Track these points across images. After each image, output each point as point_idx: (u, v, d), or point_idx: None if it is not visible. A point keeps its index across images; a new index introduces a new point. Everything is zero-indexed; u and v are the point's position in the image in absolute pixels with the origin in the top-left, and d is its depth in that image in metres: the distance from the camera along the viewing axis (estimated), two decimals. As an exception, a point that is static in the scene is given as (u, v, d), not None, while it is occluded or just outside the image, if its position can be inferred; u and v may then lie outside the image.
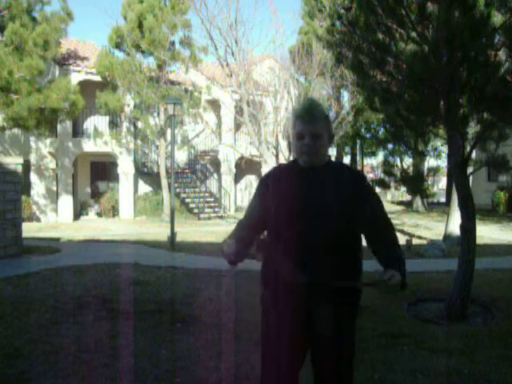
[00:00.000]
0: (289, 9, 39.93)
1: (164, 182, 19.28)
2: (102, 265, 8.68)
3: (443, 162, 27.61)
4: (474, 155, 6.20)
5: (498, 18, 4.96)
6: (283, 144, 17.28)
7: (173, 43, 19.20)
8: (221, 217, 20.67)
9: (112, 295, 6.40)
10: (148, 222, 18.88)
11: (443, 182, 36.63)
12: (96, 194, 21.23)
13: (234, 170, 22.72)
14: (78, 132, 20.05)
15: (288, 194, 2.30)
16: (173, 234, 11.93)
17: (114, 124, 20.60)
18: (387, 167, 7.17)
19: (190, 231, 15.37)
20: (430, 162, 31.27)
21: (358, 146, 30.62)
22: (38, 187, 19.42)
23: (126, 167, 20.35)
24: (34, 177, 19.30)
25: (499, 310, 5.72)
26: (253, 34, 71.56)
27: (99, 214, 20.62)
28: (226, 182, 22.72)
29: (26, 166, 17.09)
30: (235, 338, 4.59)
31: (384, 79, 5.69)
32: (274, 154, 15.95)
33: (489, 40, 5.00)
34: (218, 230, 14.91)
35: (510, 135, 5.80)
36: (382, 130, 21.56)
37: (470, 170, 6.18)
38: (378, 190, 23.30)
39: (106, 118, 20.34)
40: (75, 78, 18.58)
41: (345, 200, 2.24)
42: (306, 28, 20.87)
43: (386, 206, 2.51)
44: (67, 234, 14.25)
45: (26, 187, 18.33)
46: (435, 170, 11.57)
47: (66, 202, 19.29)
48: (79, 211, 20.51)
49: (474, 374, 3.82)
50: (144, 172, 21.75)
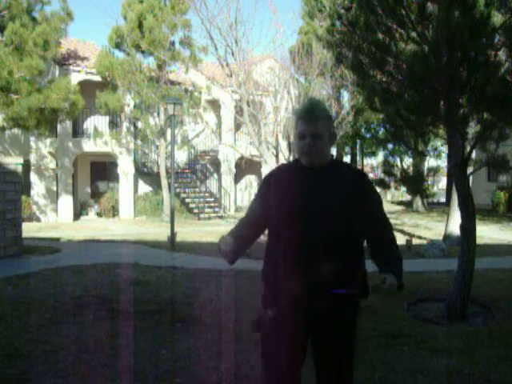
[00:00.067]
0: (289, 9, 39.96)
1: (164, 182, 19.29)
2: (101, 265, 8.68)
3: (443, 162, 27.60)
4: (474, 155, 6.20)
5: (498, 18, 4.97)
6: (283, 144, 17.26)
7: (173, 43, 19.21)
8: (221, 217, 20.67)
9: (112, 295, 6.40)
10: (148, 222, 18.88)
11: (443, 182, 36.61)
12: (96, 194, 21.23)
13: (234, 170, 22.72)
14: (77, 132, 20.05)
15: (288, 193, 2.30)
16: (173, 234, 11.93)
17: (113, 124, 20.60)
18: (387, 167, 7.16)
19: (190, 231, 15.38)
20: (430, 162, 31.27)
21: (358, 146, 30.63)
22: (38, 187, 19.43)
23: (126, 167, 20.35)
24: (34, 177, 19.30)
25: (499, 310, 5.72)
26: (253, 34, 71.68)
27: (99, 214, 20.62)
28: (226, 182, 22.72)
29: (26, 166, 17.10)
30: (235, 337, 4.59)
31: (384, 79, 5.69)
32: (274, 153, 15.92)
33: (489, 40, 5.00)
34: (217, 230, 14.89)
35: (510, 135, 5.79)
36: (382, 129, 21.53)
37: (470, 170, 6.17)
38: (378, 189, 23.20)
39: (106, 118, 20.35)
40: (75, 78, 18.58)
41: (345, 200, 2.24)
42: (306, 28, 20.86)
43: (386, 206, 2.52)
44: (67, 234, 14.25)
45: (26, 187, 18.33)
46: (435, 170, 11.57)
47: (66, 202, 19.29)
48: (79, 211, 20.51)
49: (474, 374, 3.82)
50: (144, 172, 21.76)
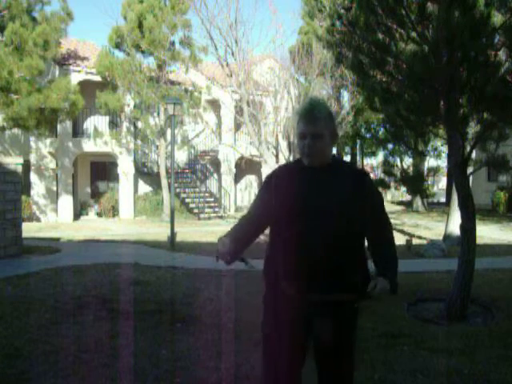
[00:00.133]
0: (289, 9, 39.90)
1: (164, 181, 19.29)
2: (101, 265, 8.68)
3: (443, 162, 27.54)
4: (474, 155, 6.20)
5: (498, 18, 4.96)
6: (283, 144, 17.27)
7: (173, 43, 19.21)
8: (221, 217, 20.67)
9: (112, 295, 6.40)
10: (148, 222, 18.88)
11: (443, 182, 36.57)
12: (96, 194, 21.23)
13: (234, 170, 22.72)
14: (77, 132, 20.05)
15: (289, 193, 2.30)
16: (173, 234, 11.93)
17: (114, 124, 20.60)
18: (387, 167, 7.17)
19: (190, 231, 15.38)
20: (430, 162, 31.20)
21: (358, 146, 30.59)
22: (38, 187, 19.42)
23: (126, 167, 20.35)
24: (34, 177, 19.30)
25: (499, 310, 5.72)
26: (253, 34, 71.61)
27: (99, 214, 20.62)
28: (226, 182, 22.72)
29: (26, 165, 17.09)
30: (235, 337, 4.59)
31: (384, 79, 5.69)
32: (274, 153, 15.93)
33: (489, 40, 5.00)
34: (217, 230, 14.89)
35: (510, 135, 5.79)
36: (382, 129, 21.51)
37: (470, 170, 6.17)
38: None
39: (106, 118, 20.34)
40: (75, 78, 18.58)
41: (345, 200, 2.24)
42: (306, 28, 20.86)
43: (386, 206, 2.52)
44: (67, 234, 14.25)
45: (26, 187, 18.33)
46: (435, 170, 11.56)
47: (66, 202, 19.29)
48: (79, 211, 20.50)
49: (474, 374, 3.82)
50: (144, 172, 21.76)
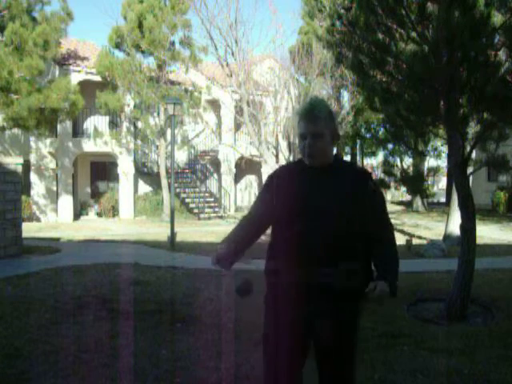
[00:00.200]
0: (289, 9, 39.90)
1: (164, 182, 19.28)
2: (101, 265, 8.68)
3: (443, 162, 27.60)
4: (474, 155, 6.20)
5: (498, 18, 4.96)
6: (283, 144, 17.28)
7: (173, 43, 19.20)
8: (221, 217, 20.67)
9: (112, 295, 6.40)
10: (148, 222, 18.88)
11: (443, 182, 36.56)
12: (96, 194, 21.22)
13: (234, 170, 22.71)
14: (78, 132, 20.05)
15: (289, 193, 2.30)
16: (173, 234, 11.93)
17: (114, 124, 20.59)
18: (387, 167, 7.16)
19: (190, 231, 15.37)
20: (430, 162, 31.22)
21: (358, 146, 30.56)
22: (38, 187, 19.42)
23: (126, 167, 20.34)
24: (34, 177, 19.29)
25: (499, 310, 5.72)
26: (253, 34, 71.44)
27: (99, 214, 20.62)
28: (226, 182, 22.71)
29: (26, 165, 17.09)
30: (235, 337, 4.59)
31: (384, 79, 5.68)
32: (274, 153, 15.95)
33: (489, 40, 5.00)
34: (217, 230, 14.90)
35: (510, 135, 5.79)
36: (382, 129, 21.50)
37: (470, 170, 6.17)
38: (378, 189, 23.22)
39: (106, 118, 20.34)
40: (75, 78, 18.57)
41: (345, 200, 2.24)
42: (306, 28, 20.85)
43: (386, 206, 2.51)
44: (67, 234, 14.24)
45: (26, 187, 18.33)
46: (435, 170, 11.53)
47: (66, 202, 19.29)
48: (79, 211, 20.50)
49: (474, 374, 3.82)
50: (144, 172, 21.75)
